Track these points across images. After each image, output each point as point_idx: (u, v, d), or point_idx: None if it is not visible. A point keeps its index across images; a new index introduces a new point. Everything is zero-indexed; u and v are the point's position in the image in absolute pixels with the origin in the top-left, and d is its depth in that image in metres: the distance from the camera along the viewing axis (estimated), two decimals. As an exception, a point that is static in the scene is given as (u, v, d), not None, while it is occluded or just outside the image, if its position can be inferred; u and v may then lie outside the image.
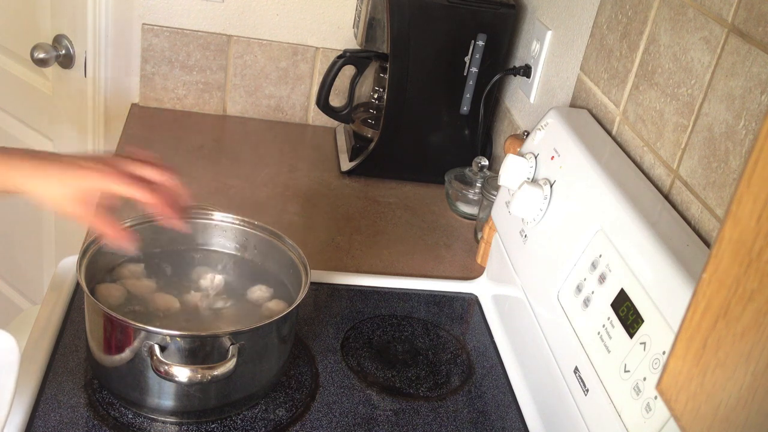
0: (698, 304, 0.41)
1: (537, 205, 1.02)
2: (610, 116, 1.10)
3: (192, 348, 0.85)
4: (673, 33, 0.97)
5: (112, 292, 0.94)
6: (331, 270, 1.22)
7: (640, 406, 0.75)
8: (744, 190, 0.38)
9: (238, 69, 1.67)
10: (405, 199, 1.49)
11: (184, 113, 1.68)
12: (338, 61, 1.47)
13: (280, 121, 1.74)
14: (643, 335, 0.77)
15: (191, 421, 0.90)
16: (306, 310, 1.12)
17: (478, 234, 1.35)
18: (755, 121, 0.80)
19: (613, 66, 1.10)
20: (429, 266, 1.29)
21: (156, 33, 1.61)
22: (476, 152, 1.50)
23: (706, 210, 0.86)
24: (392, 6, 1.40)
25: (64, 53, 1.68)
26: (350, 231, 1.35)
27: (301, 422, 0.93)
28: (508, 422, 1.00)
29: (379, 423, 0.95)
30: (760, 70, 0.79)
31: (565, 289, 0.93)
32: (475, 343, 1.13)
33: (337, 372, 1.02)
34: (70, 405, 0.90)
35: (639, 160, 1.01)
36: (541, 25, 1.38)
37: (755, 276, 0.38)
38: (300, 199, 1.43)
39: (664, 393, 0.44)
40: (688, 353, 0.42)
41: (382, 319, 1.14)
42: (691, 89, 0.92)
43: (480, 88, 1.47)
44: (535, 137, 1.10)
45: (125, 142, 1.52)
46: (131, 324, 0.84)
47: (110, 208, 0.88)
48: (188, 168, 1.46)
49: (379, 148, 1.51)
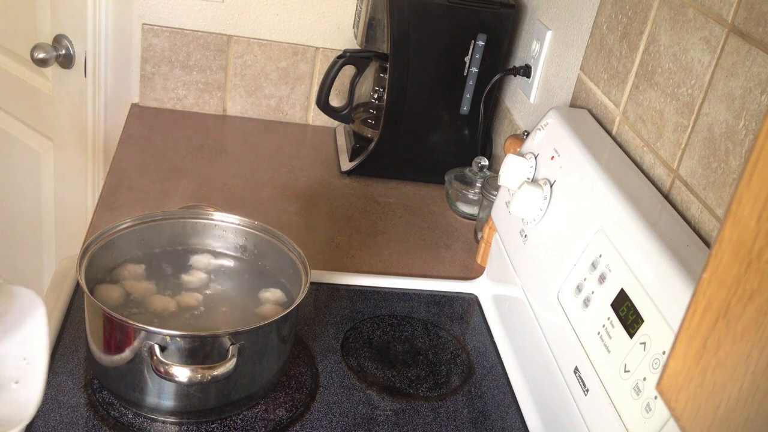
0: (698, 304, 0.41)
1: (537, 205, 1.02)
2: (610, 116, 1.10)
3: (192, 348, 0.85)
4: (673, 33, 0.97)
5: (111, 293, 0.94)
6: (331, 270, 1.22)
7: (640, 406, 0.75)
8: (744, 190, 0.38)
9: (238, 69, 1.67)
10: (405, 199, 1.49)
11: (184, 113, 1.69)
12: (338, 61, 1.47)
13: (280, 121, 1.74)
14: (643, 335, 0.77)
15: (191, 421, 0.90)
16: (306, 310, 1.12)
17: (478, 234, 1.35)
18: (755, 121, 0.80)
19: (613, 66, 1.10)
20: (429, 266, 1.29)
21: (156, 33, 1.61)
22: (476, 152, 1.50)
23: (706, 210, 0.86)
24: (392, 6, 1.40)
25: (64, 53, 1.68)
26: (350, 231, 1.35)
27: (301, 422, 0.93)
28: (508, 422, 1.00)
29: (379, 423, 0.95)
30: (760, 70, 0.79)
31: (565, 289, 0.93)
32: (475, 343, 1.13)
33: (337, 372, 1.02)
34: (70, 405, 0.90)
35: (639, 160, 1.01)
36: (541, 25, 1.38)
37: (755, 276, 0.38)
38: (300, 199, 1.43)
39: (664, 393, 0.44)
40: (688, 353, 0.42)
41: (382, 319, 1.14)
42: (691, 89, 0.92)
43: (480, 88, 1.47)
44: (535, 137, 1.10)
45: (125, 142, 1.52)
46: (131, 324, 0.84)
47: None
48: (188, 168, 1.46)
49: (379, 148, 1.51)
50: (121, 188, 1.35)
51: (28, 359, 0.86)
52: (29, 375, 0.85)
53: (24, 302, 0.90)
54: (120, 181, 1.38)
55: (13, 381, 0.85)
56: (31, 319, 0.87)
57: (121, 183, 1.37)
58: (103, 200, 1.32)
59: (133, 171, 1.42)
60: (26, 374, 0.85)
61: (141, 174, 1.41)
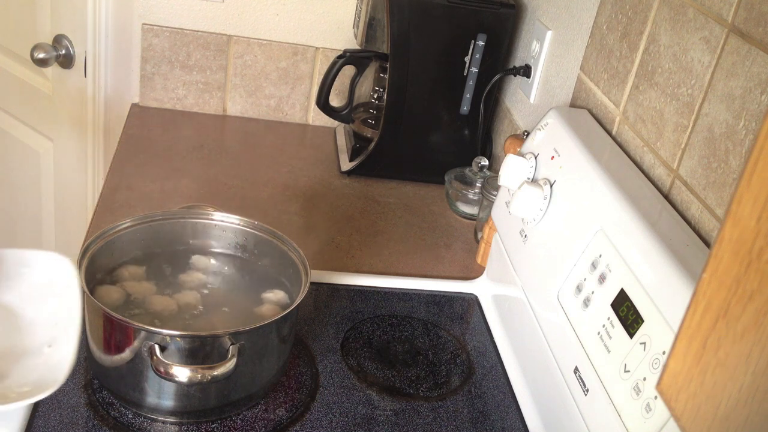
0: (698, 304, 0.41)
1: (537, 205, 1.02)
2: (610, 116, 1.10)
3: (192, 348, 0.85)
4: (673, 33, 0.97)
5: (111, 294, 0.94)
6: (331, 270, 1.22)
7: (640, 406, 0.75)
8: (744, 190, 0.38)
9: (238, 69, 1.67)
10: (405, 199, 1.49)
11: (184, 113, 1.69)
12: (338, 61, 1.47)
13: (280, 121, 1.74)
14: (643, 335, 0.77)
15: (191, 421, 0.90)
16: (306, 310, 1.12)
17: (478, 234, 1.35)
18: (755, 121, 0.80)
19: (613, 66, 1.10)
20: (429, 266, 1.29)
21: (156, 33, 1.61)
22: (476, 152, 1.50)
23: (706, 210, 0.86)
24: (392, 6, 1.40)
25: (64, 53, 1.68)
26: (350, 231, 1.35)
27: (301, 422, 0.93)
28: (508, 422, 1.00)
29: (379, 423, 0.95)
30: (760, 70, 0.79)
31: (565, 289, 0.93)
32: (475, 343, 1.13)
33: (337, 372, 1.02)
34: (70, 405, 0.90)
35: (639, 160, 1.01)
36: (541, 25, 1.38)
37: (755, 276, 0.38)
38: (300, 199, 1.43)
39: (664, 393, 0.44)
40: (688, 353, 0.42)
41: (382, 319, 1.14)
42: (691, 89, 0.92)
43: (480, 88, 1.47)
44: (535, 137, 1.10)
45: (125, 142, 1.52)
46: (131, 324, 0.84)
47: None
48: (188, 168, 1.46)
49: (379, 148, 1.51)
50: (121, 188, 1.35)
51: (60, 323, 0.85)
52: (62, 338, 0.84)
53: (51, 266, 0.90)
54: (120, 181, 1.38)
55: (46, 345, 0.85)
56: (60, 281, 0.87)
57: (121, 183, 1.37)
58: (103, 200, 1.32)
59: (133, 171, 1.42)
60: (59, 337, 0.85)
61: (141, 174, 1.41)
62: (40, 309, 0.90)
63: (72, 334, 0.84)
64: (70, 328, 0.85)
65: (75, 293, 0.85)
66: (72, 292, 0.87)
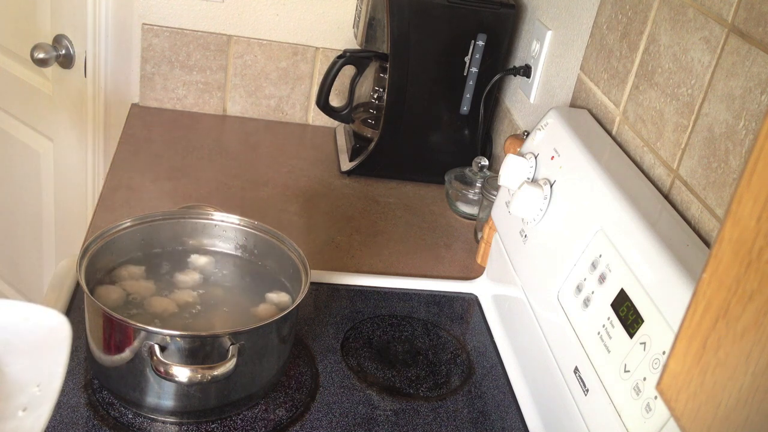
0: (698, 304, 0.41)
1: (537, 205, 1.02)
2: (610, 116, 1.10)
3: (192, 348, 0.85)
4: (673, 33, 0.97)
5: (111, 294, 0.94)
6: (331, 270, 1.22)
7: (640, 406, 0.75)
8: (744, 190, 0.38)
9: (238, 69, 1.67)
10: (405, 199, 1.49)
11: (184, 113, 1.69)
12: (338, 61, 1.47)
13: (280, 121, 1.74)
14: (643, 335, 0.77)
15: (191, 421, 0.90)
16: (306, 310, 1.12)
17: (478, 234, 1.35)
18: (755, 121, 0.80)
19: (613, 66, 1.10)
20: (429, 266, 1.29)
21: (156, 33, 1.61)
22: (476, 152, 1.50)
23: (706, 210, 0.86)
24: (392, 6, 1.40)
25: (64, 53, 1.68)
26: (350, 231, 1.35)
27: (301, 422, 0.93)
28: (508, 422, 1.00)
29: (379, 423, 0.95)
30: (760, 70, 0.79)
31: (565, 289, 0.93)
32: (475, 343, 1.13)
33: (337, 372, 1.02)
34: (70, 405, 0.90)
35: (639, 160, 1.01)
36: (541, 25, 1.38)
37: (755, 276, 0.38)
38: (300, 199, 1.43)
39: (664, 393, 0.44)
40: (688, 353, 0.42)
41: (382, 319, 1.14)
42: (691, 89, 0.92)
43: (480, 88, 1.47)
44: (535, 137, 1.10)
45: (125, 142, 1.52)
46: (131, 324, 0.84)
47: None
48: (188, 168, 1.46)
49: (379, 148, 1.51)
50: (121, 188, 1.35)
51: (41, 386, 0.83)
52: (38, 403, 0.82)
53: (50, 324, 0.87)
54: (120, 181, 1.38)
55: (21, 408, 0.83)
56: (54, 343, 0.85)
57: (121, 183, 1.37)
58: (103, 200, 1.32)
59: (133, 171, 1.42)
60: (36, 402, 0.83)
61: (141, 174, 1.41)
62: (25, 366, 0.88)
63: (48, 402, 0.82)
64: (49, 394, 0.83)
65: (63, 355, 0.83)
66: (60, 354, 0.84)
